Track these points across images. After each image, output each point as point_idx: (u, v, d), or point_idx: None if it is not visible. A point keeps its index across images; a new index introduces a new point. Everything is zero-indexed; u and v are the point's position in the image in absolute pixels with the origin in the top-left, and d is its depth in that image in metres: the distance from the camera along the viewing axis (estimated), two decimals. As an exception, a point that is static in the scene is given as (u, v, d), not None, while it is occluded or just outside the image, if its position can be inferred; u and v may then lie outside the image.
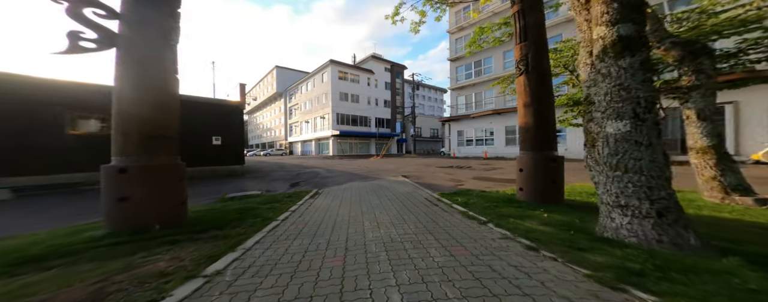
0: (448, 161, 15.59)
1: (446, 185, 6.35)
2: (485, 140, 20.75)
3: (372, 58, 40.10)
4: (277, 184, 7.24)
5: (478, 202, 4.03)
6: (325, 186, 6.73)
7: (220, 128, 9.76)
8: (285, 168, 12.95)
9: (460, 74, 23.62)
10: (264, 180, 8.18)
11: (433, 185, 6.41)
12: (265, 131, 60.86)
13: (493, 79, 19.87)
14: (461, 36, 23.81)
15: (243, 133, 10.23)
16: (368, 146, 38.37)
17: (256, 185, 6.93)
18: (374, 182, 7.22)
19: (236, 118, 10.49)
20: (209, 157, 9.38)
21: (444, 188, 6.01)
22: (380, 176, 8.86)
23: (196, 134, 8.77)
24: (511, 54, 18.97)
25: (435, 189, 5.77)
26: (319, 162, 17.97)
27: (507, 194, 4.78)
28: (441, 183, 6.82)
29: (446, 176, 8.65)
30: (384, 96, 41.02)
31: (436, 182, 7.16)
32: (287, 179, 8.42)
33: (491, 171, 9.62)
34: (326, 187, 6.59)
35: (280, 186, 6.86)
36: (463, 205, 3.87)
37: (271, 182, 7.71)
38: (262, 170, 11.58)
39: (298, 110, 43.74)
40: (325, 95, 35.96)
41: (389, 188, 6.20)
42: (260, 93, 59.57)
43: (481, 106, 21.49)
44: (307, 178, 8.61)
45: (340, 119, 35.10)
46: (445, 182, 6.94)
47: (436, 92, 68.46)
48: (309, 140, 40.33)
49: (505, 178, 7.41)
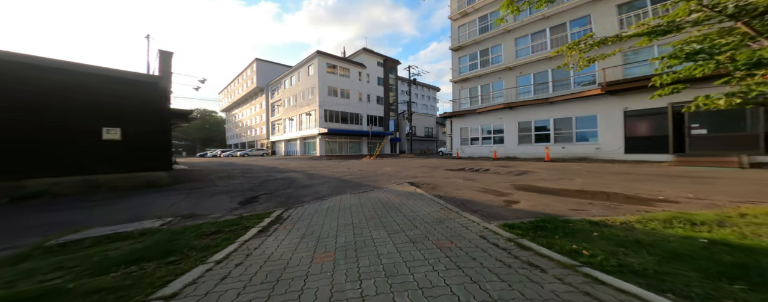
0: (454, 162, 13.62)
1: (488, 203, 4.25)
2: (493, 138, 18.93)
3: (364, 51, 37.90)
4: (217, 201, 4.93)
5: (654, 266, 1.85)
6: (297, 203, 4.53)
7: (123, 115, 6.49)
8: (251, 173, 10.53)
9: (464, 65, 21.77)
10: (199, 195, 5.70)
11: (466, 202, 4.31)
12: (244, 130, 57.51)
13: (502, 69, 18.12)
14: (464, 23, 21.98)
15: (168, 123, 7.49)
16: (359, 146, 36.16)
17: (178, 205, 4.59)
18: (373, 196, 5.07)
19: (155, 102, 7.06)
20: (95, 160, 6.22)
21: (490, 207, 3.91)
22: (379, 184, 6.72)
23: (65, 122, 5.89)
24: (523, 40, 17.25)
25: (479, 211, 3.66)
26: (301, 164, 15.62)
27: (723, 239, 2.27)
28: (475, 197, 4.72)
29: (470, 183, 6.57)
30: (376, 92, 38.91)
31: (465, 194, 5.07)
32: (242, 191, 6.11)
33: (525, 176, 7.62)
34: (299, 205, 4.40)
35: (222, 205, 4.58)
36: (624, 273, 1.73)
37: (209, 197, 5.37)
38: (207, 178, 8.85)
39: (282, 107, 41.03)
40: (311, 89, 33.48)
41: (399, 207, 4.07)
42: (239, 88, 56.20)
43: (489, 100, 19.67)
44: (274, 189, 6.32)
45: (328, 116, 32.71)
46: (480, 196, 4.85)
47: (429, 91, 67.37)
48: (293, 139, 37.71)
49: (569, 188, 5.29)
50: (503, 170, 9.25)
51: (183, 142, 65.27)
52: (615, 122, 12.20)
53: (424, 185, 6.69)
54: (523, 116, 16.56)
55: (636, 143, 11.52)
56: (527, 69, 16.69)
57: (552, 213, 3.36)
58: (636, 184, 5.46)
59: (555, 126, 14.73)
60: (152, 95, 7.13)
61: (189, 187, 6.76)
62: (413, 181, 7.35)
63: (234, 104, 60.49)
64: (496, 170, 9.65)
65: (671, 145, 10.22)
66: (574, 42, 4.66)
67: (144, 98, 6.94)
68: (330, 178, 8.48)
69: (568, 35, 14.47)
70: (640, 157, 11.27)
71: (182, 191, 6.08)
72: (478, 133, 20.09)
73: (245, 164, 17.34)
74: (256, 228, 3.04)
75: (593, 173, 7.51)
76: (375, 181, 7.66)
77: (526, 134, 16.56)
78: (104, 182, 6.20)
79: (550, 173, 8.05)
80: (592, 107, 13.05)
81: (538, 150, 15.41)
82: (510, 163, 12.35)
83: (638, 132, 11.48)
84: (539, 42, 16.22)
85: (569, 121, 14.05)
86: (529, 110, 16.12)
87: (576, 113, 13.71)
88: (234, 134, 63.69)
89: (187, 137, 68.67)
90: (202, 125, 76.75)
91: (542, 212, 3.48)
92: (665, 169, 8.20)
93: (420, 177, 8.21)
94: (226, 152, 41.26)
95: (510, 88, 17.73)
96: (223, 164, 16.61)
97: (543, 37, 15.95)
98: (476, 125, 20.18)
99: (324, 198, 5.08)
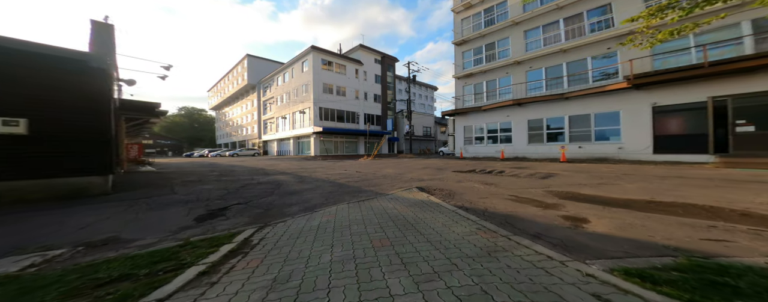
0: (459, 163, 12.59)
1: (541, 220, 3.20)
2: (499, 137, 17.97)
3: (360, 48, 36.80)
4: (165, 216, 3.72)
5: None
6: (278, 218, 3.44)
7: (33, 102, 4.93)
8: (230, 175, 9.32)
9: (468, 60, 20.81)
10: (143, 207, 4.30)
11: (509, 218, 3.26)
12: (235, 129, 55.88)
13: (510, 64, 17.18)
14: (468, 15, 21.03)
15: (107, 115, 5.76)
16: (356, 146, 35.02)
17: (99, 224, 3.29)
18: (377, 205, 3.99)
19: (85, 86, 5.39)
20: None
21: (551, 229, 2.84)
22: (382, 189, 5.66)
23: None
24: (533, 33, 16.32)
25: (541, 236, 2.59)
26: (293, 165, 14.44)
27: None
28: (515, 211, 3.67)
29: (491, 189, 5.51)
30: (374, 90, 37.84)
31: (496, 204, 4.02)
32: (207, 200, 4.86)
33: (553, 180, 6.59)
34: (280, 220, 3.32)
35: (170, 222, 3.43)
36: None
37: (156, 211, 4.09)
38: (169, 183, 7.30)
39: (274, 105, 39.70)
40: (305, 86, 32.26)
41: (415, 224, 3.02)
42: (229, 85, 54.58)
43: (495, 96, 18.73)
44: (252, 196, 5.16)
45: (323, 115, 31.51)
46: (520, 208, 3.80)
47: (427, 90, 66.79)
48: (286, 139, 36.41)
49: (631, 197, 4.15)
50: (521, 172, 8.22)
51: (169, 141, 63.31)
52: (641, 119, 11.28)
53: (435, 190, 5.62)
54: (534, 114, 15.62)
55: (667, 143, 10.61)
56: (538, 63, 15.76)
57: (675, 245, 2.27)
58: (713, 192, 4.43)
59: (570, 124, 13.79)
60: (81, 77, 5.39)
61: (136, 196, 5.35)
62: (422, 185, 6.28)
63: (224, 101, 58.83)
64: (511, 171, 8.61)
65: (711, 144, 9.30)
66: (658, 6, 3.59)
67: (68, 80, 5.30)
68: (324, 182, 7.35)
69: (585, 26, 13.57)
70: (672, 158, 10.35)
71: (123, 201, 4.72)
72: (483, 132, 19.13)
73: (230, 164, 16.08)
74: (199, 267, 1.92)
75: (634, 177, 6.50)
76: (376, 185, 6.58)
77: (536, 133, 15.61)
78: (2, 192, 4.63)
79: (581, 176, 7.02)
80: (614, 103, 12.14)
81: (551, 150, 14.47)
82: (523, 164, 11.35)
83: (669, 130, 10.57)
84: (552, 34, 15.30)
85: (587, 118, 13.12)
86: (541, 106, 15.18)
87: (595, 109, 12.77)
88: (224, 133, 61.97)
89: (174, 136, 66.69)
90: (190, 124, 74.77)
91: (649, 240, 2.39)
92: (718, 172, 7.21)
93: (428, 180, 7.15)
94: (214, 151, 39.72)
95: (519, 83, 16.80)
96: (204, 165, 15.33)
97: (556, 29, 15.03)
98: (481, 123, 19.22)
99: (314, 210, 3.97)
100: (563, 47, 14.07)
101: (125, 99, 9.33)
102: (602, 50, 12.76)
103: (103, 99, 5.62)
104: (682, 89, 10.12)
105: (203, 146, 62.19)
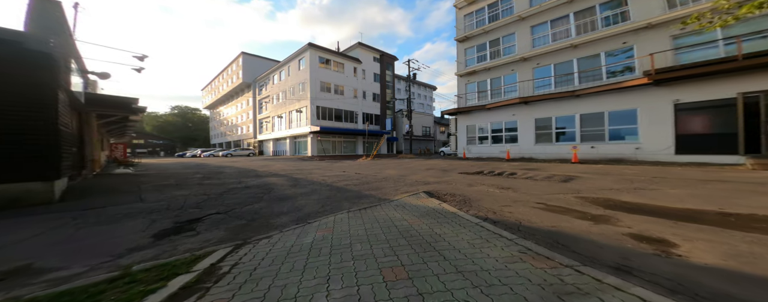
0: (463, 164, 11.97)
1: (580, 232, 2.63)
2: (504, 136, 17.40)
3: (359, 45, 36.16)
4: (116, 232, 2.95)
5: None
6: (262, 233, 2.80)
7: None
8: (217, 178, 8.60)
9: (470, 57, 20.24)
10: (91, 220, 3.52)
11: (558, 237, 2.65)
12: (229, 129, 54.98)
13: (516, 61, 16.62)
14: (471, 11, 20.47)
15: (53, 110, 4.66)
16: (354, 145, 34.36)
17: (15, 247, 2.61)
18: (382, 216, 3.38)
19: (21, 74, 4.48)
20: None
21: (635, 255, 2.23)
22: (385, 194, 5.05)
23: None
24: (541, 28, 15.77)
25: (632, 270, 1.95)
26: (288, 166, 13.75)
27: None
28: (558, 225, 3.06)
29: (511, 194, 4.90)
30: (373, 89, 37.22)
31: (528, 216, 3.43)
32: (179, 209, 4.09)
33: (578, 184, 5.99)
34: (264, 236, 2.68)
35: (120, 240, 2.74)
36: None
37: (107, 224, 3.27)
38: (139, 187, 6.33)
39: (270, 104, 38.95)
40: (302, 84, 31.56)
41: (434, 243, 2.43)
42: (224, 84, 53.69)
43: (500, 94, 18.15)
44: (235, 204, 4.49)
45: (320, 114, 30.81)
46: (563, 221, 3.19)
47: (425, 89, 66.42)
48: (282, 139, 35.66)
49: (698, 208, 3.44)
50: (536, 174, 7.60)
51: (161, 141, 62.21)
52: (662, 117, 10.70)
53: (446, 195, 5.00)
54: (542, 112, 15.05)
55: (691, 142, 10.02)
56: (546, 59, 15.20)
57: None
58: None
59: (582, 123, 13.23)
60: (13, 61, 4.44)
61: (89, 205, 4.44)
62: (429, 189, 5.66)
63: (218, 100, 57.93)
64: (524, 173, 8.00)
65: (742, 144, 8.73)
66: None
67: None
68: (320, 185, 6.70)
69: (598, 20, 13.01)
70: (696, 159, 9.77)
71: (67, 213, 3.90)
72: (488, 131, 18.56)
73: (220, 165, 15.36)
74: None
75: (670, 181, 5.89)
76: (379, 189, 5.94)
77: (545, 132, 15.04)
78: None
79: (607, 179, 6.41)
80: (630, 100, 11.57)
81: (560, 150, 13.90)
82: (532, 165, 10.74)
83: (693, 129, 10.00)
84: (561, 29, 14.75)
85: (600, 117, 12.54)
86: (549, 104, 14.61)
87: (609, 107, 12.20)
88: (218, 132, 61.02)
89: (167, 136, 65.58)
90: (183, 124, 73.66)
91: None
92: (760, 175, 6.61)
93: (434, 184, 6.53)
94: (206, 152, 38.80)
95: (525, 81, 16.24)
96: (192, 166, 14.59)
97: (565, 24, 14.48)
98: (485, 122, 18.64)
99: (308, 220, 3.32)
100: (574, 42, 13.51)
101: (92, 93, 8.43)
102: (617, 45, 12.20)
103: (45, 89, 4.60)
104: (709, 84, 9.54)
105: (197, 146, 61.22)
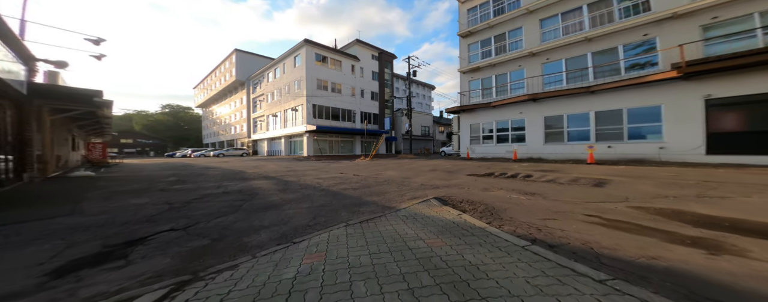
0: (468, 165, 11.20)
1: (698, 268, 1.87)
2: (511, 136, 16.68)
3: (357, 43, 35.37)
4: (15, 260, 2.16)
5: None
6: (229, 257, 1.97)
7: None
8: (194, 181, 7.73)
9: (474, 52, 19.51)
10: (15, 241, 2.60)
11: (662, 274, 1.87)
12: (223, 128, 53.85)
13: (524, 56, 15.91)
14: (475, 5, 19.76)
15: None
16: (352, 145, 33.56)
17: None
18: (389, 232, 2.62)
19: None
20: None
21: (729, 288, 1.41)
22: (390, 201, 4.27)
23: None
24: (551, 21, 15.08)
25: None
26: (281, 167, 12.89)
27: None
28: (618, 245, 2.37)
29: (541, 202, 4.16)
30: (371, 87, 36.47)
31: (582, 233, 2.71)
32: (121, 225, 3.16)
33: (615, 189, 5.25)
34: (229, 264, 1.84)
35: (18, 273, 1.90)
36: None
37: (15, 248, 2.48)
38: (84, 195, 5.25)
39: (264, 102, 38.03)
40: (297, 82, 30.69)
41: (474, 280, 1.67)
42: (216, 82, 52.57)
43: (506, 92, 17.44)
44: (202, 216, 3.65)
45: (317, 113, 29.95)
46: (621, 237, 2.50)
47: (424, 89, 65.98)
48: (277, 138, 34.76)
49: None
50: (558, 177, 6.84)
51: (151, 141, 60.82)
52: (690, 114, 9.96)
53: (463, 203, 4.25)
54: (552, 110, 14.34)
55: (724, 141, 9.27)
56: (557, 54, 14.50)
57: None
58: None
59: (597, 121, 12.51)
60: None
61: (2, 219, 3.44)
62: (441, 195, 4.90)
63: (210, 99, 56.81)
64: (541, 176, 7.23)
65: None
66: None
67: None
68: (314, 189, 5.89)
69: (615, 11, 12.30)
70: (732, 159, 9.03)
71: None
72: (492, 130, 17.84)
73: (207, 166, 14.45)
74: None
75: (725, 186, 5.11)
76: (381, 194, 5.16)
77: (555, 131, 14.33)
78: None
79: (644, 183, 5.66)
80: (654, 96, 10.86)
81: (573, 150, 13.18)
82: (544, 166, 10.00)
83: (726, 127, 9.26)
84: (573, 22, 14.05)
85: (618, 114, 11.82)
86: (561, 102, 13.90)
87: (629, 103, 11.48)
88: (211, 132, 59.84)
89: (158, 135, 64.21)
90: (175, 123, 72.26)
91: None
92: None
93: (444, 188, 5.77)
94: (197, 152, 37.71)
95: (533, 77, 15.54)
96: (174, 167, 13.65)
97: (578, 16, 13.79)
98: (490, 120, 17.94)
99: (293, 240, 2.53)
100: (588, 36, 12.81)
101: (38, 84, 7.30)
102: (637, 37, 11.48)
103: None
104: (745, 77, 8.83)
105: (189, 145, 60.02)
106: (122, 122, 68.48)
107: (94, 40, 7.87)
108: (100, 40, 7.89)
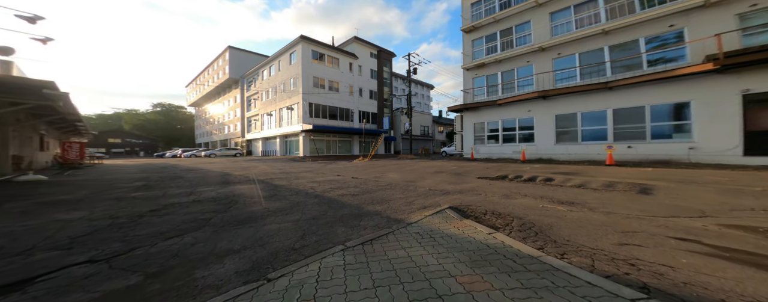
0: (474, 166, 10.43)
1: None
2: (518, 135, 15.93)
3: (355, 40, 34.58)
4: None
5: None
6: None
7: None
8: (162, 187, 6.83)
9: (478, 48, 18.78)
10: None
11: None
12: (216, 127, 52.79)
13: (533, 51, 15.21)
14: (479, -1, 19.05)
15: None
16: (350, 145, 32.74)
17: None
18: (402, 259, 1.83)
19: None
20: None
21: None
22: (396, 211, 3.53)
23: None
24: (562, 14, 14.38)
25: None
26: (273, 168, 12.03)
27: None
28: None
29: (587, 214, 3.48)
30: (369, 86, 35.72)
31: (688, 271, 1.91)
32: (13, 256, 2.30)
33: (663, 196, 4.51)
34: None
35: None
36: None
37: None
38: (14, 203, 4.56)
39: (259, 101, 37.13)
40: (293, 80, 29.85)
41: None
42: (209, 80, 51.51)
43: (512, 89, 16.69)
44: (149, 236, 2.84)
45: (313, 111, 29.10)
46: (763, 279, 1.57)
47: (423, 88, 65.45)
48: (272, 138, 33.86)
49: None
50: (587, 182, 6.06)
51: (141, 140, 59.42)
52: (726, 111, 9.16)
53: (488, 216, 3.49)
54: (564, 108, 13.60)
55: (765, 141, 8.47)
56: (569, 49, 13.78)
57: None
58: None
59: (615, 119, 11.75)
60: None
61: None
62: (456, 204, 4.15)
63: (203, 97, 55.73)
64: (566, 180, 6.44)
65: None
66: None
67: None
68: (306, 196, 5.08)
69: (635, 2, 11.54)
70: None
71: None
72: (498, 129, 17.10)
73: (190, 168, 13.55)
74: None
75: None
76: (385, 202, 4.39)
77: (568, 130, 13.58)
78: None
79: (700, 190, 4.88)
80: (681, 92, 10.09)
81: (588, 150, 12.43)
82: (557, 168, 9.23)
83: (767, 125, 8.51)
84: (587, 14, 13.33)
85: (640, 111, 11.04)
86: (574, 99, 13.17)
87: (652, 100, 10.71)
88: (204, 131, 58.70)
89: (148, 135, 62.83)
90: (166, 122, 70.89)
91: None
92: None
93: (456, 194, 5.01)
94: (188, 152, 36.64)
95: (543, 73, 14.81)
96: (150, 169, 12.72)
97: (593, 8, 13.06)
98: (496, 119, 17.21)
99: (267, 276, 1.76)
100: (605, 28, 12.07)
101: None
102: (662, 28, 10.70)
103: None
104: None
105: (181, 145, 58.80)
106: (112, 121, 67.03)
107: (29, 18, 6.76)
108: (36, 18, 6.80)
